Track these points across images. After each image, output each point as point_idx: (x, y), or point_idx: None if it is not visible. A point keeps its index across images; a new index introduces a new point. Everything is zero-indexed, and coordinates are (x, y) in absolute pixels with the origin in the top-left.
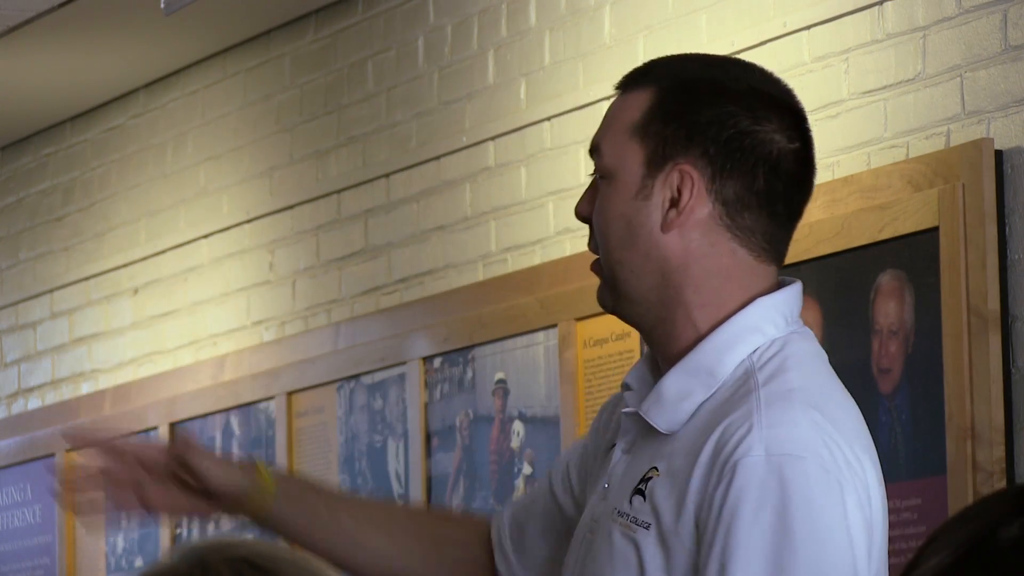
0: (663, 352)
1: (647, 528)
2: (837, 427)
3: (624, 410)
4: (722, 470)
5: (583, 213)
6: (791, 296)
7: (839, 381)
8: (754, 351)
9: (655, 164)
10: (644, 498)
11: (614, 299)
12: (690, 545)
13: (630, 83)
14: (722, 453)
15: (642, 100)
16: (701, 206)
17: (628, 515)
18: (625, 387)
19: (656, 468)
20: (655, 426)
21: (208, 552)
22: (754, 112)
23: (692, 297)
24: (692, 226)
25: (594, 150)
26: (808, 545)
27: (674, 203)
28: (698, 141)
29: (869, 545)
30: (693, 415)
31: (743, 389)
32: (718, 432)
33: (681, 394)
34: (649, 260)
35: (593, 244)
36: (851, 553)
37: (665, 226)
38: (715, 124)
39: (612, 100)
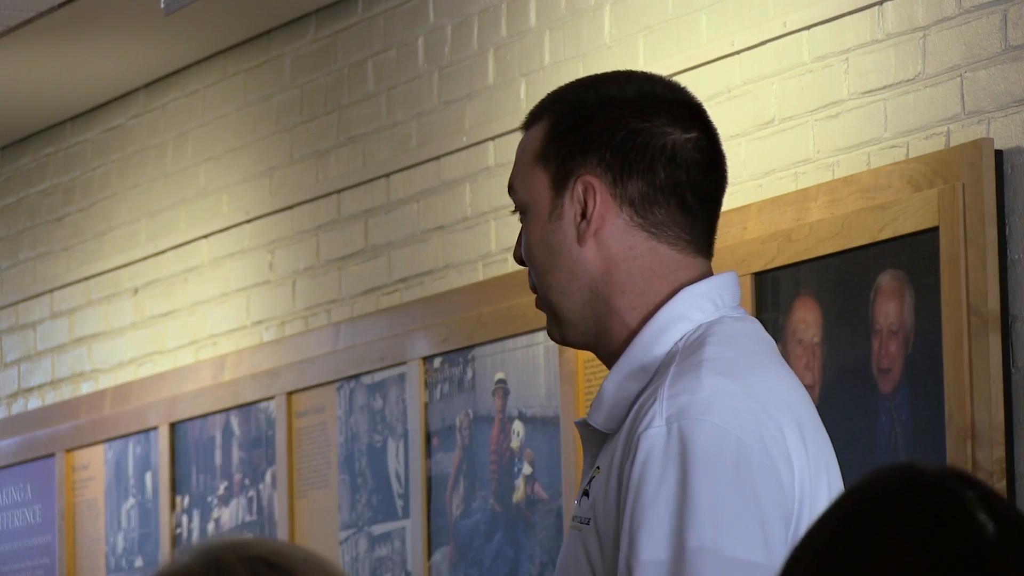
0: (610, 362)
1: (588, 523)
2: (750, 392)
3: (575, 420)
4: (631, 445)
5: (516, 255)
6: (721, 283)
7: (776, 359)
8: (681, 338)
9: (559, 183)
10: (588, 496)
11: (560, 329)
12: (616, 527)
13: (531, 120)
14: (633, 430)
15: (540, 130)
16: (610, 212)
17: (577, 517)
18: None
19: (599, 467)
20: (596, 427)
21: (222, 551)
22: (643, 112)
23: (621, 302)
24: (607, 233)
25: (510, 190)
26: (708, 503)
27: (584, 215)
28: (593, 150)
29: (783, 504)
30: (629, 410)
31: (663, 374)
32: (633, 411)
33: (617, 392)
34: (574, 277)
35: (531, 281)
36: (757, 509)
37: (580, 239)
38: (606, 130)
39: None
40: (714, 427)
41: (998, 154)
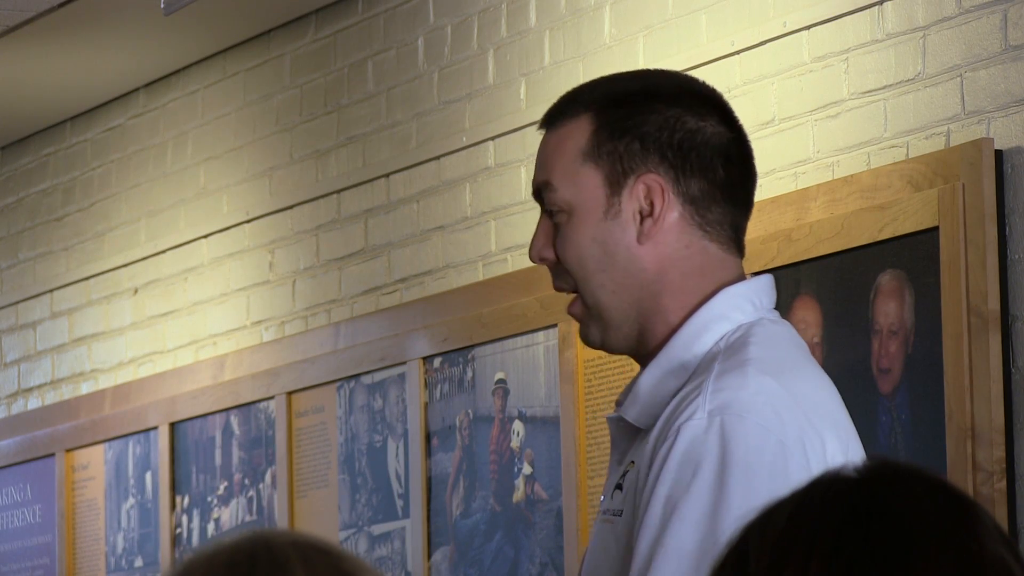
0: (646, 359)
1: (620, 516)
2: (793, 396)
3: (607, 416)
4: (669, 432)
5: (547, 256)
6: (760, 285)
7: (813, 363)
8: (721, 337)
9: (616, 181)
10: (621, 490)
11: (601, 331)
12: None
13: (559, 116)
14: (672, 421)
15: (582, 126)
16: (671, 211)
17: (609, 510)
18: (617, 405)
19: (632, 462)
20: (632, 422)
21: (272, 534)
22: (695, 110)
23: (670, 302)
24: (666, 231)
25: (542, 189)
26: (743, 502)
27: (645, 213)
28: (654, 149)
29: None
30: (665, 406)
31: (706, 370)
32: (672, 405)
33: (654, 388)
34: (629, 275)
35: (564, 283)
36: None
37: (642, 237)
38: (665, 129)
39: (543, 139)
40: (757, 426)
41: (998, 154)
